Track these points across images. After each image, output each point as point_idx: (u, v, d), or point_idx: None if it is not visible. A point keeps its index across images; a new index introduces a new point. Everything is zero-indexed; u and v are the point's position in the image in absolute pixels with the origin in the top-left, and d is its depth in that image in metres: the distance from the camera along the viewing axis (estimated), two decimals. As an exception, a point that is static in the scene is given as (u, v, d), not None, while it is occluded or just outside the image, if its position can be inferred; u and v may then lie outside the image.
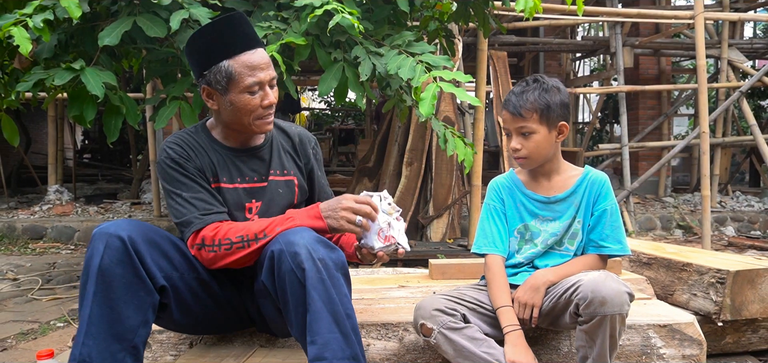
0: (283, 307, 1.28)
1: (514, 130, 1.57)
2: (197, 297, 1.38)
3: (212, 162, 1.45)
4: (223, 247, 1.32)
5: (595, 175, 1.62)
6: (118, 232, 1.20)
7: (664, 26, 6.90)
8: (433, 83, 2.48)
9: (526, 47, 7.32)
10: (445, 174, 5.09)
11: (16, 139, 2.81)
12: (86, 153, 10.95)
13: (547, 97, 1.54)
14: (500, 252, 1.62)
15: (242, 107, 1.39)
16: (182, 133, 1.48)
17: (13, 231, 5.31)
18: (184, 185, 1.40)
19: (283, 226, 1.32)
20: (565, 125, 1.58)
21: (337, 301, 1.22)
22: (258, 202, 1.50)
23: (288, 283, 1.23)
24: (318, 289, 1.21)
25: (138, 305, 1.21)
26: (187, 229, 1.36)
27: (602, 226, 1.58)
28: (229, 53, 1.36)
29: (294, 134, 1.62)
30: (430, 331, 1.44)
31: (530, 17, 3.15)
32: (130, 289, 1.20)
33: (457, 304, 1.50)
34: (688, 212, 6.25)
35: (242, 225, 1.36)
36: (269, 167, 1.52)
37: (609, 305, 1.33)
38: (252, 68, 1.37)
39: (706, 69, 4.55)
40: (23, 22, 2.25)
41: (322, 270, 1.22)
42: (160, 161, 1.43)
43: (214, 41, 1.36)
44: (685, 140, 6.09)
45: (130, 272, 1.20)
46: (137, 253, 1.22)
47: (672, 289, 2.29)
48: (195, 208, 1.37)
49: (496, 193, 1.68)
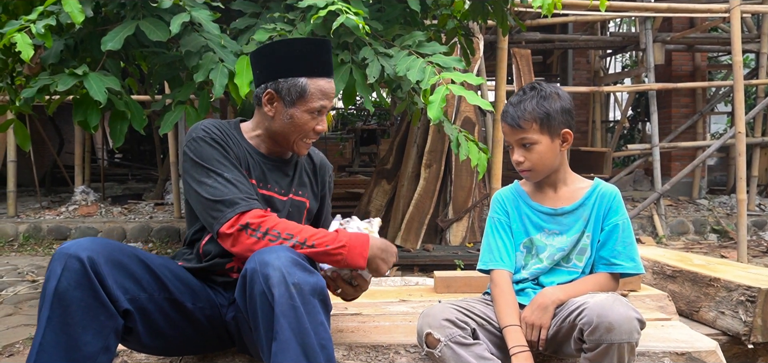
0: (254, 331, 1.20)
1: (515, 143, 1.47)
2: (169, 318, 1.30)
3: (246, 157, 1.46)
4: (268, 237, 1.29)
5: (605, 187, 1.51)
6: (78, 252, 1.14)
7: (698, 20, 6.58)
8: (443, 86, 2.38)
9: (554, 44, 7.11)
10: (465, 176, 4.97)
11: (28, 144, 2.83)
12: (118, 153, 11.18)
13: (545, 104, 1.43)
14: (507, 267, 1.52)
15: (299, 124, 1.44)
16: (219, 121, 1.48)
17: (39, 232, 5.43)
18: (225, 166, 1.38)
19: (333, 246, 1.30)
20: (569, 133, 1.47)
21: (309, 331, 1.14)
22: (260, 208, 1.45)
23: (259, 307, 1.16)
24: (288, 316, 1.13)
25: (98, 331, 1.14)
26: (230, 209, 1.31)
27: (613, 242, 1.46)
28: (310, 73, 1.42)
29: (316, 159, 1.66)
30: (436, 342, 1.34)
31: (549, 14, 3.01)
32: (89, 314, 1.14)
33: (467, 317, 1.40)
34: (723, 215, 5.95)
35: (293, 224, 1.34)
36: (292, 184, 1.54)
37: (616, 332, 1.21)
38: (324, 94, 1.44)
39: (742, 65, 4.30)
40: (27, 28, 2.25)
41: (296, 296, 1.14)
42: (194, 138, 1.40)
43: (301, 56, 1.42)
44: (719, 140, 5.81)
45: (89, 295, 1.14)
46: (98, 274, 1.15)
47: (698, 305, 2.13)
48: (239, 190, 1.35)
49: (500, 206, 1.58)
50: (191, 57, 2.47)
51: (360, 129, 9.58)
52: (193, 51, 2.47)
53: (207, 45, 2.49)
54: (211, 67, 2.43)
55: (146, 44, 2.80)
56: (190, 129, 1.44)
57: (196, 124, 1.44)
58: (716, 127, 11.97)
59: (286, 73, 1.42)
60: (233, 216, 1.32)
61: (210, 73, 2.41)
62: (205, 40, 2.50)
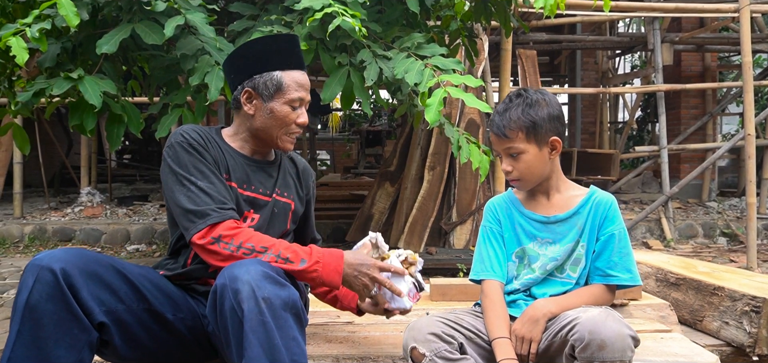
0: (225, 348, 1.17)
1: (503, 152, 1.44)
2: (148, 329, 1.27)
3: (225, 160, 1.44)
4: (242, 251, 1.26)
5: (600, 196, 1.46)
6: (50, 264, 1.11)
7: (707, 20, 6.48)
8: (441, 89, 2.34)
9: (561, 45, 7.03)
10: (470, 178, 4.91)
11: (27, 147, 2.82)
12: (126, 154, 11.24)
13: (532, 112, 1.39)
14: (498, 278, 1.48)
15: (280, 117, 1.44)
16: (199, 126, 1.46)
17: (44, 233, 5.45)
18: (200, 173, 1.36)
19: (309, 262, 1.28)
20: (557, 141, 1.42)
21: (279, 348, 1.10)
22: (256, 215, 1.46)
23: (229, 323, 1.13)
24: (257, 332, 1.09)
25: (71, 344, 1.11)
26: (201, 221, 1.30)
27: (609, 252, 1.42)
28: (284, 66, 1.44)
29: (299, 163, 1.65)
30: (421, 356, 1.30)
31: (552, 15, 2.97)
32: (61, 327, 1.11)
33: (454, 331, 1.36)
34: (733, 218, 5.84)
35: (267, 238, 1.31)
36: (275, 184, 1.52)
37: (608, 350, 1.17)
38: (300, 85, 1.45)
39: (752, 66, 4.21)
40: (22, 32, 2.24)
41: (266, 310, 1.10)
42: (172, 144, 1.39)
43: (273, 51, 1.43)
44: (729, 143, 5.70)
45: (62, 308, 1.11)
46: (71, 286, 1.12)
47: (701, 314, 2.08)
48: (211, 199, 1.33)
49: (492, 215, 1.54)
50: (187, 60, 2.46)
51: (365, 130, 9.54)
52: (188, 54, 2.45)
53: (203, 48, 2.47)
54: (207, 70, 2.41)
55: (144, 47, 2.79)
56: (171, 135, 1.43)
57: (176, 130, 1.43)
58: (728, 128, 11.80)
59: (260, 69, 1.43)
60: (204, 227, 1.30)
61: (205, 77, 2.39)
62: (201, 42, 2.48)
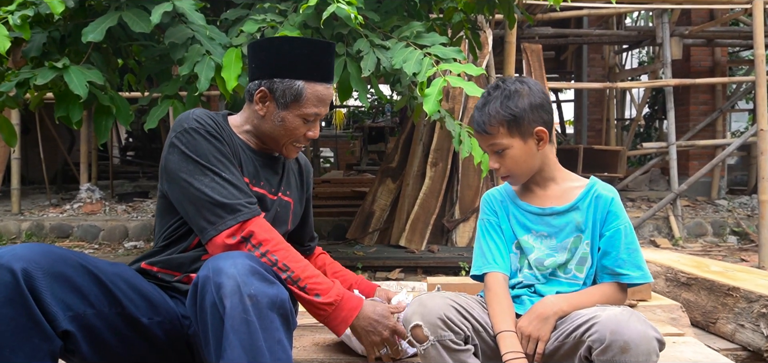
0: (204, 348, 1.07)
1: (487, 149, 1.35)
2: (120, 335, 1.16)
3: (238, 152, 1.35)
4: (264, 259, 1.18)
5: (601, 188, 1.35)
6: (10, 263, 0.99)
7: (718, 13, 6.32)
8: (440, 78, 2.24)
9: (567, 39, 6.90)
10: (473, 174, 4.81)
11: (14, 140, 2.74)
12: (129, 150, 11.20)
13: (510, 104, 1.29)
14: (501, 269, 1.38)
15: (290, 129, 1.35)
16: (209, 112, 1.34)
17: (42, 230, 5.39)
18: (222, 164, 1.25)
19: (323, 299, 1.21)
20: (543, 131, 1.32)
21: (263, 350, 1.01)
22: (262, 213, 1.35)
23: (209, 319, 1.03)
24: (239, 331, 1.00)
25: (30, 354, 1.01)
26: (231, 217, 1.20)
27: (617, 249, 1.31)
28: (308, 76, 1.33)
29: (301, 160, 1.59)
30: (423, 338, 1.20)
31: (557, 6, 2.87)
32: (20, 335, 1.00)
33: (464, 320, 1.27)
34: (744, 217, 5.70)
35: (294, 256, 1.24)
36: (281, 183, 1.45)
37: (632, 353, 1.06)
38: (319, 100, 1.35)
39: (765, 60, 4.09)
40: (4, 20, 2.16)
41: (251, 309, 1.01)
42: (187, 129, 1.25)
43: (301, 57, 1.33)
44: (740, 139, 5.57)
45: (21, 314, 1.00)
46: (33, 289, 1.01)
47: (715, 316, 1.97)
48: (240, 192, 1.24)
49: (489, 207, 1.45)
50: (176, 49, 2.37)
51: (368, 127, 9.44)
52: (178, 43, 2.36)
53: (193, 37, 2.38)
54: (197, 59, 2.32)
55: (135, 37, 2.70)
56: (179, 118, 1.30)
57: (186, 113, 1.30)
58: (737, 125, 11.61)
59: (284, 73, 1.32)
60: (235, 224, 1.20)
61: (195, 66, 2.30)
62: (191, 31, 2.39)
